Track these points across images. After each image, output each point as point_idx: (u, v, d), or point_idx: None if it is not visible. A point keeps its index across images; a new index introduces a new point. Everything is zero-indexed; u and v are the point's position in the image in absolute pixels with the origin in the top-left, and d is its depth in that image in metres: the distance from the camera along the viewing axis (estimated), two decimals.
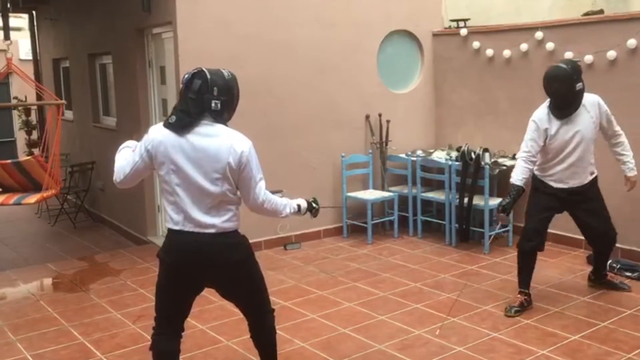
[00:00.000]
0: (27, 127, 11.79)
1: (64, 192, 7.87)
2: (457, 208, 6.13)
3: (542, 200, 4.48)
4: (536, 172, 4.53)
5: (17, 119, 12.55)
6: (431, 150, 6.89)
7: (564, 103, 4.29)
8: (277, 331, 4.26)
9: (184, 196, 2.86)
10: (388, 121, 6.81)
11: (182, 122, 2.83)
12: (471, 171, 6.01)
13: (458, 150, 6.33)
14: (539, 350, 3.88)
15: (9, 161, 6.00)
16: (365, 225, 6.48)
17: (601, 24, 5.66)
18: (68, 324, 4.55)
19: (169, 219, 2.93)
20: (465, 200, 6.06)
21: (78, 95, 8.65)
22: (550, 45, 5.94)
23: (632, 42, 5.35)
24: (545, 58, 5.97)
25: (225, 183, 2.86)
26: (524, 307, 4.47)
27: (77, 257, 6.39)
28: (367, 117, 6.79)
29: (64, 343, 4.22)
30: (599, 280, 4.90)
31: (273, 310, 3.21)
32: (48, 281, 5.78)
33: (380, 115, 6.80)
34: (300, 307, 4.73)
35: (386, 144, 6.82)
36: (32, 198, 5.75)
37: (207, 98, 2.83)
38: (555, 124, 4.32)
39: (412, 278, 5.32)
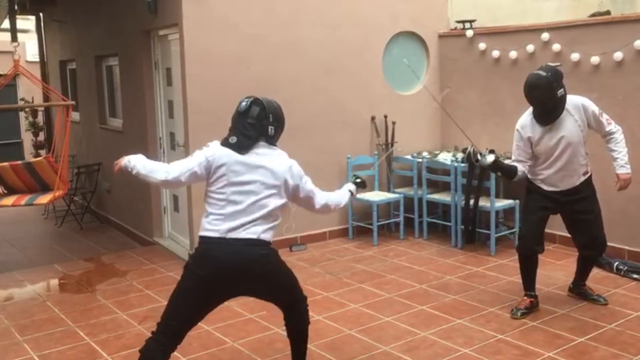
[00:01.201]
0: (34, 128, 11.84)
1: (71, 194, 7.89)
2: (463, 210, 6.12)
3: (536, 201, 4.41)
4: (529, 175, 4.48)
5: (23, 121, 12.60)
6: (437, 152, 6.88)
7: (546, 111, 4.19)
8: (283, 332, 4.26)
9: (237, 207, 3.04)
10: (394, 122, 6.80)
11: (242, 144, 3.11)
12: (477, 173, 6.00)
13: (464, 151, 6.32)
14: (546, 352, 3.87)
15: (20, 162, 6.03)
16: (370, 226, 6.47)
17: (608, 25, 5.65)
18: (74, 325, 4.56)
19: (210, 227, 3.06)
20: (471, 201, 6.04)
21: (84, 96, 8.69)
22: (556, 47, 5.92)
23: (638, 43, 5.32)
24: (551, 59, 5.93)
25: (279, 198, 3.13)
26: (530, 309, 4.44)
27: (84, 258, 6.41)
28: (373, 118, 6.79)
29: (70, 344, 4.23)
30: (576, 289, 4.72)
31: (305, 297, 3.39)
32: (54, 282, 5.81)
33: (386, 116, 6.80)
34: None
35: (392, 146, 6.82)
36: (44, 198, 5.78)
37: (265, 124, 3.16)
38: (539, 130, 4.25)
39: (417, 280, 5.31)
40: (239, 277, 3.05)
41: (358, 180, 3.76)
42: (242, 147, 3.11)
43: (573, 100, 4.27)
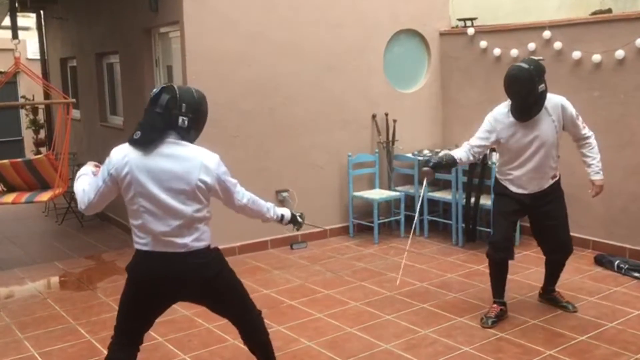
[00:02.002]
0: (35, 126, 11.83)
1: (71, 191, 7.88)
2: (464, 208, 6.12)
3: (505, 205, 4.30)
4: (497, 175, 4.40)
5: (24, 118, 12.60)
6: (438, 150, 6.87)
7: (525, 106, 4.03)
8: (283, 330, 4.27)
9: (152, 217, 2.77)
10: (395, 121, 6.80)
11: (147, 138, 2.74)
12: (478, 171, 5.99)
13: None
14: (546, 350, 3.87)
15: (20, 160, 6.03)
16: (371, 224, 6.47)
17: (609, 23, 5.63)
18: (75, 322, 4.56)
19: (137, 240, 2.85)
20: (472, 200, 6.04)
21: (85, 94, 8.68)
22: (558, 45, 5.91)
23: None
24: (553, 57, 5.94)
25: (195, 202, 2.79)
26: (500, 317, 4.31)
27: (84, 256, 6.41)
28: (374, 116, 6.78)
29: (71, 341, 4.23)
30: (546, 294, 4.61)
31: (260, 312, 3.13)
32: (55, 279, 5.81)
33: (386, 114, 6.79)
34: (307, 306, 4.73)
35: (393, 144, 6.81)
36: (45, 196, 5.79)
37: (175, 114, 2.76)
38: (513, 125, 4.11)
39: (418, 278, 5.31)
40: (172, 289, 2.87)
41: (299, 218, 3.29)
42: (146, 141, 2.73)
43: (552, 100, 4.13)
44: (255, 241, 6.19)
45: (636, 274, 5.13)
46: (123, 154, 2.78)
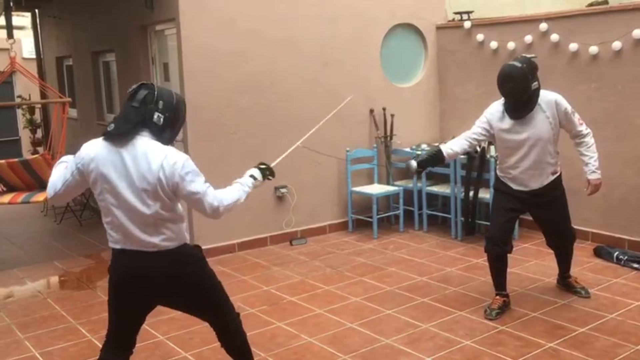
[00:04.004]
0: (32, 125, 11.81)
1: None
2: (463, 201, 6.12)
3: (504, 201, 4.34)
4: (498, 172, 4.44)
5: (21, 118, 12.57)
6: (436, 144, 6.86)
7: (519, 104, 4.07)
8: (284, 326, 4.27)
9: (120, 215, 2.73)
10: (392, 115, 6.79)
11: (120, 130, 2.69)
12: (476, 164, 5.99)
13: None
14: (547, 343, 3.88)
15: (16, 160, 6.02)
16: (370, 219, 6.47)
17: (606, 15, 5.63)
18: (76, 322, 4.56)
19: (110, 238, 2.83)
20: (471, 193, 6.04)
21: (82, 93, 8.67)
22: (554, 37, 5.90)
23: (637, 33, 5.31)
24: (550, 50, 5.94)
25: (158, 202, 2.71)
26: (503, 308, 4.35)
27: (84, 255, 6.41)
28: (372, 111, 6.77)
29: (72, 340, 4.23)
30: (562, 280, 4.71)
31: (238, 314, 3.08)
32: (55, 279, 5.81)
33: (384, 109, 6.79)
34: (307, 302, 4.74)
35: (391, 138, 6.81)
36: (41, 196, 5.77)
37: (151, 109, 2.71)
38: (508, 123, 4.16)
39: (418, 272, 5.31)
40: (146, 287, 2.84)
41: (262, 165, 3.15)
42: (118, 133, 2.68)
43: (546, 96, 4.15)
44: (254, 238, 6.19)
45: (635, 265, 5.14)
46: (92, 149, 2.75)
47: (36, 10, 9.93)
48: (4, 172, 5.95)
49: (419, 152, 4.42)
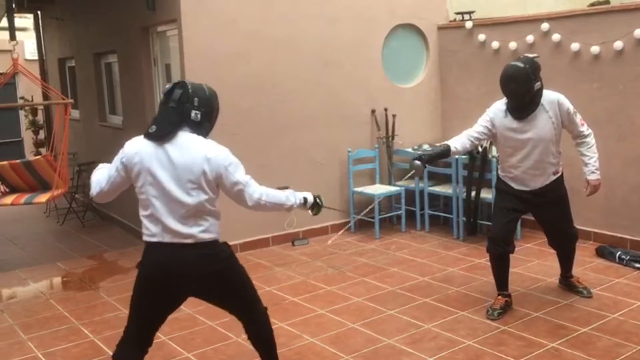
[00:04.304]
0: (34, 127, 11.83)
1: (72, 191, 7.90)
2: (465, 202, 6.12)
3: (505, 202, 4.34)
4: (499, 172, 4.45)
5: (23, 119, 12.59)
6: (437, 144, 6.85)
7: (521, 104, 4.09)
8: (286, 327, 4.28)
9: (161, 207, 2.82)
10: (394, 115, 6.79)
11: (162, 131, 2.82)
12: (478, 164, 5.99)
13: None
14: (549, 343, 3.88)
15: (19, 161, 6.03)
16: (372, 220, 6.47)
17: (607, 14, 5.63)
18: (78, 322, 4.57)
19: (146, 231, 2.89)
20: (473, 193, 6.04)
21: (84, 94, 8.68)
22: (556, 37, 5.90)
23: (638, 32, 5.31)
24: (551, 49, 5.94)
25: (202, 193, 2.81)
26: (505, 308, 4.34)
27: (86, 256, 6.42)
28: (373, 111, 6.78)
29: (75, 341, 4.24)
30: (564, 280, 4.72)
31: (266, 308, 3.15)
32: (58, 280, 5.82)
33: (386, 109, 6.79)
34: (309, 302, 4.74)
35: (392, 139, 6.81)
36: (43, 197, 5.78)
37: (188, 107, 2.84)
38: (511, 122, 4.17)
39: (420, 272, 5.32)
40: (180, 281, 2.88)
41: (319, 200, 3.26)
42: (161, 135, 2.81)
43: (549, 96, 4.15)
44: (256, 238, 6.19)
45: (637, 265, 5.13)
46: (136, 145, 2.87)
47: (38, 12, 9.95)
48: (6, 174, 5.96)
49: (419, 152, 4.43)
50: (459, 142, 4.35)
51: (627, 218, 5.60)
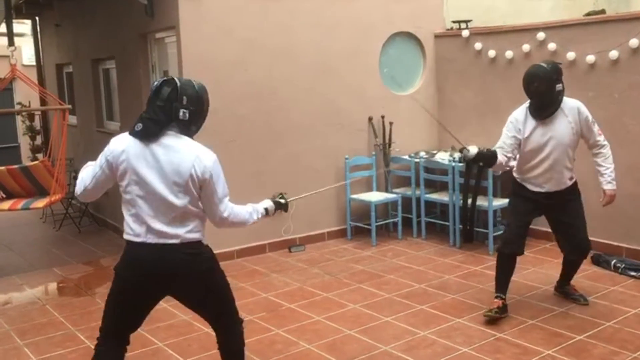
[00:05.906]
0: (31, 132, 11.82)
1: (69, 197, 7.89)
2: (461, 209, 6.12)
3: (521, 204, 4.43)
4: (515, 175, 4.51)
5: (20, 125, 12.57)
6: (434, 152, 6.89)
7: (543, 103, 4.20)
8: (283, 333, 4.28)
9: (146, 207, 2.78)
10: (391, 123, 6.82)
11: (148, 131, 2.76)
12: (474, 172, 5.99)
13: (460, 151, 6.32)
14: (545, 350, 3.89)
15: (16, 166, 6.03)
16: (369, 227, 6.48)
17: (603, 24, 5.67)
18: (74, 328, 4.57)
19: (129, 230, 2.84)
20: (469, 201, 6.04)
21: (81, 100, 8.68)
22: (552, 46, 5.94)
23: (634, 42, 5.35)
24: (547, 58, 5.96)
25: (188, 195, 2.79)
26: (503, 311, 4.36)
27: (83, 262, 6.41)
28: (370, 119, 6.80)
29: (71, 347, 4.24)
30: (561, 288, 4.75)
31: (242, 320, 3.10)
32: (54, 285, 5.80)
33: (383, 117, 6.81)
34: (305, 309, 4.75)
35: (389, 146, 6.83)
36: (40, 202, 5.78)
37: (176, 106, 2.78)
38: (531, 124, 4.27)
39: (416, 279, 5.32)
40: (163, 280, 2.85)
41: (282, 199, 3.26)
42: (147, 134, 2.76)
43: (569, 103, 4.29)
44: (253, 245, 6.20)
45: (633, 273, 5.15)
46: (122, 143, 2.82)
47: (36, 18, 9.95)
48: (3, 179, 5.96)
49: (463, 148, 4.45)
50: (501, 156, 4.35)
51: (623, 226, 5.62)
